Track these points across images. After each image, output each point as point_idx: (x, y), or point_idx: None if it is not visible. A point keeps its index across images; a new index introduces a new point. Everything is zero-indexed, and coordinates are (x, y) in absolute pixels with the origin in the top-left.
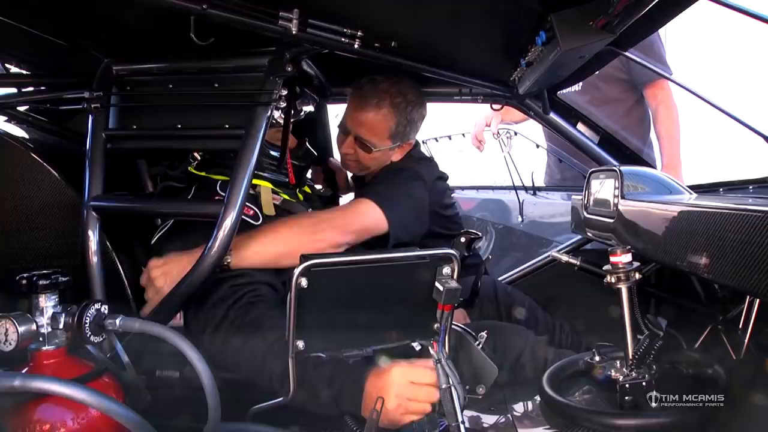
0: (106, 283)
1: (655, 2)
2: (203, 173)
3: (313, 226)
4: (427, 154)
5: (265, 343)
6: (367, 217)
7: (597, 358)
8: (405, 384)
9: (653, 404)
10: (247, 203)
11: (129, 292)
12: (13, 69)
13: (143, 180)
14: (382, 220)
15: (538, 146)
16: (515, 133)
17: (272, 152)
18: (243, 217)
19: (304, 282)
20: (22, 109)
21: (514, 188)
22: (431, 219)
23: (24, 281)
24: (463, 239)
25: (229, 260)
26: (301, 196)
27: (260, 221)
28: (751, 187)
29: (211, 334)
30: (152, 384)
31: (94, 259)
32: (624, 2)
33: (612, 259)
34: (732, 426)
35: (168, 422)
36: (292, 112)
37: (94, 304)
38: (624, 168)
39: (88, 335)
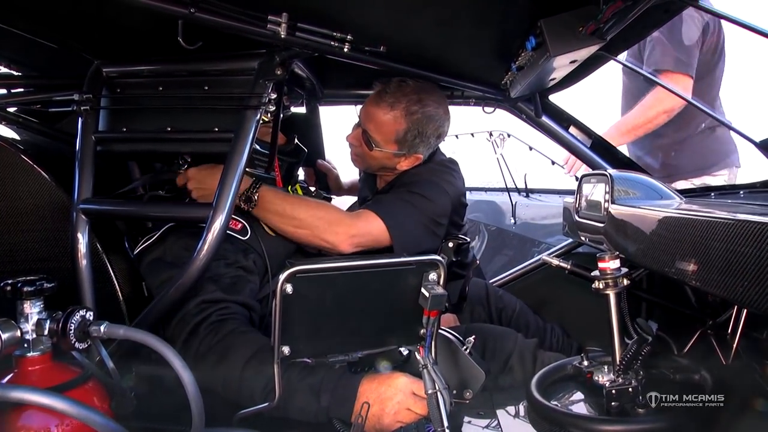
0: (96, 285)
1: (643, 9)
2: None
3: (333, 220)
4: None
5: (242, 360)
6: (372, 227)
7: (585, 363)
8: (408, 393)
9: (641, 410)
10: (235, 216)
11: (120, 295)
12: (3, 70)
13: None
14: (384, 232)
15: (531, 149)
16: (508, 135)
17: (261, 149)
18: (229, 232)
19: (289, 288)
20: (12, 110)
21: (507, 190)
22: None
23: (8, 288)
24: (450, 244)
25: (257, 194)
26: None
27: (248, 236)
28: (741, 192)
29: (181, 351)
30: (140, 388)
31: (84, 262)
32: (613, 9)
33: (600, 264)
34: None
35: (153, 426)
36: (281, 113)
37: (78, 311)
38: (615, 173)
39: (72, 342)
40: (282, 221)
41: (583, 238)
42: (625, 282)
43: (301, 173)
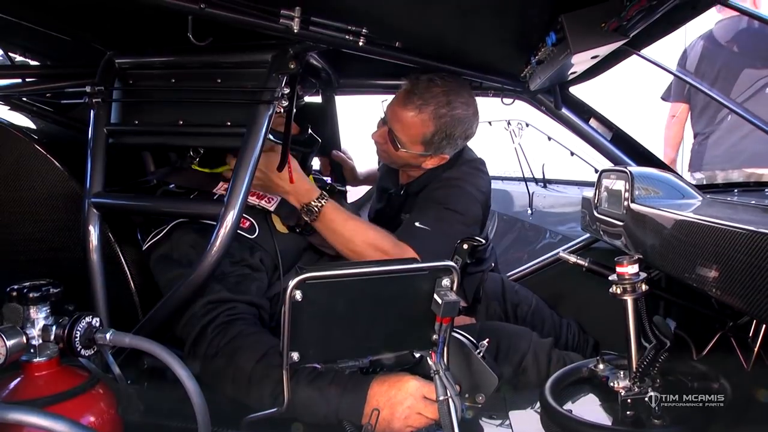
0: (109, 277)
1: (670, 7)
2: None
3: (385, 252)
4: None
5: (251, 363)
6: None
7: (601, 366)
8: (419, 398)
9: (656, 421)
10: (244, 215)
11: (133, 286)
12: (18, 58)
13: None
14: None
15: (550, 139)
16: (527, 125)
17: (275, 138)
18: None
19: (298, 295)
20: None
21: (524, 180)
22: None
23: (15, 293)
24: (465, 246)
25: (319, 209)
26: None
27: (256, 234)
28: (766, 189)
29: (189, 353)
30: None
31: (95, 255)
32: (637, 7)
33: (618, 269)
34: None
35: (162, 423)
36: (294, 107)
37: (85, 317)
38: (635, 170)
39: (78, 349)
40: (337, 240)
41: (601, 233)
42: (644, 287)
43: (316, 163)
